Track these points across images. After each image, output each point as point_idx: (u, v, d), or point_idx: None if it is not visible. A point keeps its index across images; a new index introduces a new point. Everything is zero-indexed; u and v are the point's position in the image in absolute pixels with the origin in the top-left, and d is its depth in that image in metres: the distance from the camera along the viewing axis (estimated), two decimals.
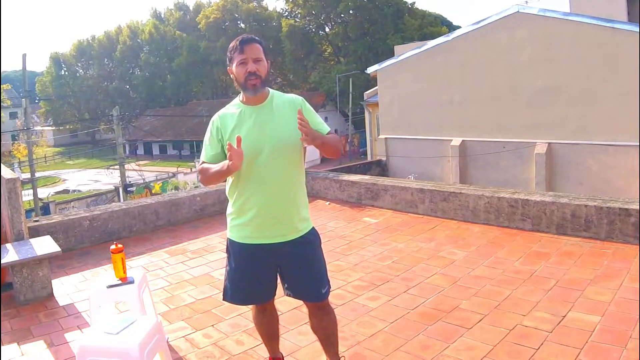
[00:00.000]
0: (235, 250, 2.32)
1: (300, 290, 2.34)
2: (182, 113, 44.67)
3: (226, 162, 2.06)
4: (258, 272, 2.30)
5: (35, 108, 50.57)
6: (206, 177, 2.21)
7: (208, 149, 2.26)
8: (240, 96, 2.26)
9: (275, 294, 2.42)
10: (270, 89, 2.27)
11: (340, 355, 2.51)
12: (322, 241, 2.45)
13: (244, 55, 2.12)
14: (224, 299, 2.43)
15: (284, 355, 2.72)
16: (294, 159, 2.24)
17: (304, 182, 2.35)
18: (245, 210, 2.24)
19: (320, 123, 2.29)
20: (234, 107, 2.26)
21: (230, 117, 2.24)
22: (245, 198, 2.23)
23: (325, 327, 2.42)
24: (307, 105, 2.30)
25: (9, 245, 3.84)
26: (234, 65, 2.16)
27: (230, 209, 2.33)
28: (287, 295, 2.38)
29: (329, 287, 2.39)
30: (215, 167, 2.15)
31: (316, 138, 2.14)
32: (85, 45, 54.02)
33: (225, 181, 2.36)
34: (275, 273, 2.35)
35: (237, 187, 2.25)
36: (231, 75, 2.22)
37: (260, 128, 2.18)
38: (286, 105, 2.24)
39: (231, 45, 2.18)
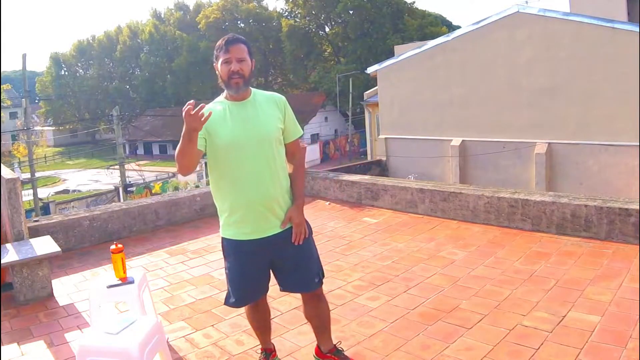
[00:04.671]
0: (231, 248, 2.35)
1: (294, 281, 2.40)
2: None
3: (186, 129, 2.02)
4: (256, 267, 2.35)
5: (35, 108, 50.55)
6: (177, 158, 2.16)
7: None
8: (225, 93, 2.32)
9: (268, 289, 2.48)
10: (252, 88, 2.34)
11: (337, 341, 2.60)
12: (323, 241, 2.48)
13: (229, 55, 2.19)
14: (225, 303, 2.47)
15: (284, 355, 2.72)
16: (278, 153, 2.32)
17: (285, 173, 2.41)
18: (237, 207, 2.28)
19: (294, 128, 2.41)
20: (218, 104, 2.32)
21: (215, 113, 2.27)
22: (235, 195, 2.27)
23: (320, 314, 2.50)
24: (288, 105, 2.39)
25: (9, 245, 3.84)
26: (219, 63, 2.23)
27: (221, 207, 2.36)
28: (281, 290, 2.47)
29: (322, 275, 2.46)
30: (181, 141, 2.10)
31: (303, 215, 2.39)
32: (85, 45, 54.00)
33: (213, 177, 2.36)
34: (269, 268, 2.41)
35: (225, 184, 2.29)
36: (216, 72, 2.29)
37: (245, 124, 2.25)
38: (268, 102, 2.34)
39: (218, 43, 2.26)
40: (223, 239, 2.39)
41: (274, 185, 2.29)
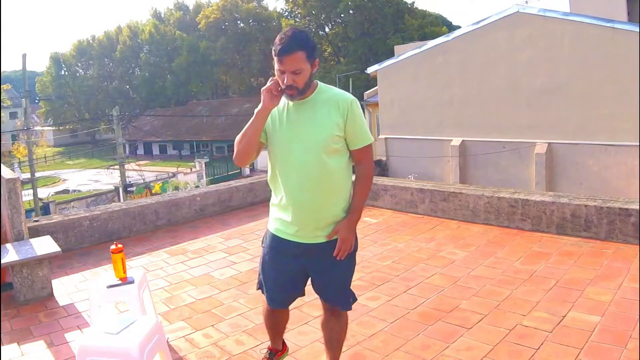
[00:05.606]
0: (270, 242, 2.28)
1: (323, 292, 2.31)
2: (182, 113, 44.69)
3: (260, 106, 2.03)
4: (292, 269, 2.26)
5: (35, 108, 50.57)
6: (238, 140, 2.11)
7: None
8: None
9: (303, 294, 2.38)
10: (319, 82, 2.17)
11: None
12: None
13: (282, 67, 2.00)
14: (259, 289, 2.39)
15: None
16: (331, 159, 2.11)
17: (344, 184, 2.20)
18: (283, 206, 2.20)
19: (358, 135, 2.15)
20: (283, 95, 2.16)
21: (276, 107, 2.16)
22: (282, 194, 2.18)
23: (330, 329, 2.40)
24: (355, 109, 2.13)
25: (9, 245, 3.84)
26: (275, 67, 2.05)
27: (272, 200, 2.29)
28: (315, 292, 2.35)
29: (352, 298, 2.33)
30: (250, 121, 2.08)
31: (353, 231, 2.20)
32: (85, 45, 54.05)
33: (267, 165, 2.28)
34: (305, 275, 2.29)
35: (276, 181, 2.21)
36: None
37: (296, 126, 2.11)
38: (330, 104, 2.11)
39: (275, 43, 2.02)
40: (267, 230, 2.32)
41: (320, 196, 2.12)
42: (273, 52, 2.03)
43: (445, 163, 13.26)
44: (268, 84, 2.03)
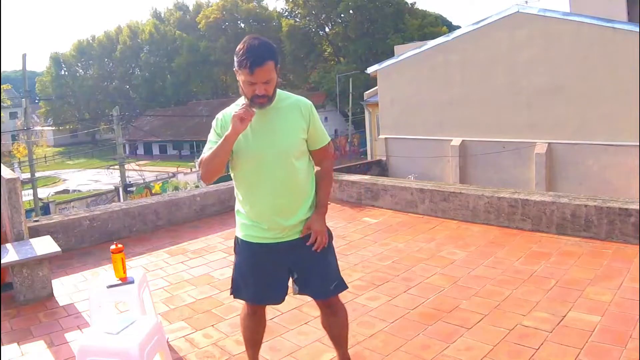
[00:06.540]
0: (242, 248, 2.29)
1: (309, 286, 2.30)
2: (182, 113, 44.69)
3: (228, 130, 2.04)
4: (266, 268, 2.27)
5: (35, 108, 50.56)
6: (207, 161, 2.11)
7: (212, 145, 2.15)
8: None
9: (284, 298, 2.36)
10: (276, 90, 2.17)
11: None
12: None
13: (254, 79, 2.00)
14: (232, 295, 2.40)
15: (284, 355, 2.72)
16: (298, 162, 2.20)
17: (310, 183, 2.29)
18: (255, 213, 2.22)
19: (319, 135, 2.26)
20: (239, 107, 2.17)
21: None
22: (251, 200, 2.21)
23: (330, 326, 2.42)
24: (314, 112, 2.24)
25: (9, 245, 3.84)
26: (241, 79, 2.05)
27: (237, 206, 2.31)
28: (294, 292, 2.34)
29: (340, 285, 2.35)
30: (217, 145, 2.08)
31: (324, 223, 2.31)
32: (85, 45, 54.02)
33: (230, 176, 2.29)
34: (286, 273, 2.30)
35: (242, 188, 2.23)
36: (237, 79, 2.11)
37: (263, 134, 2.13)
38: (292, 109, 2.18)
39: (239, 56, 2.00)
40: (236, 237, 2.33)
41: (291, 199, 2.20)
42: (238, 65, 2.01)
43: (445, 163, 13.25)
44: (239, 111, 2.03)
